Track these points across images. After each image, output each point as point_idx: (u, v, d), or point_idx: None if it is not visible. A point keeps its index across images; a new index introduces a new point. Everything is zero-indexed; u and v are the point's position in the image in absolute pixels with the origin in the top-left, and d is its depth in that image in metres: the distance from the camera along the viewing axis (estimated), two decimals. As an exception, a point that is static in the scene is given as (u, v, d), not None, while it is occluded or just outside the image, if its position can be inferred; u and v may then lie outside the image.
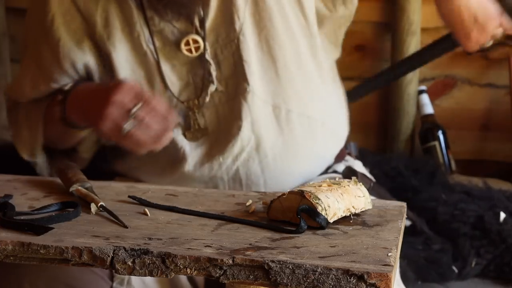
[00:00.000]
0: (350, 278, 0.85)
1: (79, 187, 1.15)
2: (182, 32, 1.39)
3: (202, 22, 1.39)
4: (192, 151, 1.42)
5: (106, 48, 1.38)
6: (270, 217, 1.05)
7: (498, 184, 2.78)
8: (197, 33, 1.38)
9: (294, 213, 1.02)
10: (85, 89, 1.37)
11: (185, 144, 1.42)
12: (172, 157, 1.43)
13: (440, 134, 2.93)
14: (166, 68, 1.39)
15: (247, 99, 1.39)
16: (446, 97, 3.06)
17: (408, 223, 2.44)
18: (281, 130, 1.41)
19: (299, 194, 1.02)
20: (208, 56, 1.39)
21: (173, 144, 1.41)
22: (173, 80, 1.40)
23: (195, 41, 1.38)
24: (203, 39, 1.38)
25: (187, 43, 1.38)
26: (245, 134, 1.40)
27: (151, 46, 1.38)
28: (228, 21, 1.39)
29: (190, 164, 1.42)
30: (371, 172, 1.75)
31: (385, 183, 2.59)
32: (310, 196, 1.01)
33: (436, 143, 3.00)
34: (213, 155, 1.42)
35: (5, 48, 3.17)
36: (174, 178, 1.43)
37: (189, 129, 1.41)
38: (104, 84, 1.35)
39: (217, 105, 1.41)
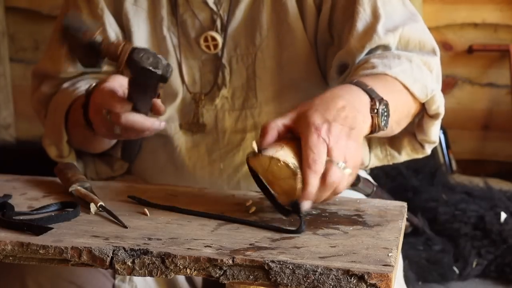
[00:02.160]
0: (351, 279, 0.85)
1: (79, 187, 1.15)
2: (203, 27, 1.40)
3: (225, 26, 1.39)
4: (189, 150, 1.42)
5: (129, 24, 1.41)
6: (250, 163, 1.04)
7: (499, 184, 2.78)
8: (217, 32, 1.40)
9: (275, 179, 1.02)
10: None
11: (181, 142, 1.42)
12: (170, 154, 1.43)
13: (441, 133, 2.92)
14: (180, 57, 1.41)
15: (254, 114, 1.41)
16: (447, 96, 3.04)
17: (409, 229, 2.44)
18: None
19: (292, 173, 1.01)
20: (224, 59, 1.40)
21: (170, 140, 1.43)
22: (185, 70, 1.42)
23: (214, 39, 1.39)
24: (223, 41, 1.39)
25: (206, 40, 1.40)
26: (248, 147, 1.40)
27: (171, 33, 1.41)
28: (249, 34, 1.40)
29: (189, 163, 1.42)
30: (371, 172, 1.74)
31: (385, 183, 2.59)
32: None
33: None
34: (214, 159, 1.42)
35: (5, 47, 3.17)
36: (176, 180, 1.43)
37: (187, 121, 1.42)
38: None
39: (218, 109, 1.41)
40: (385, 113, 1.12)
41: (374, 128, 1.11)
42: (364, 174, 1.56)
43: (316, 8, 1.37)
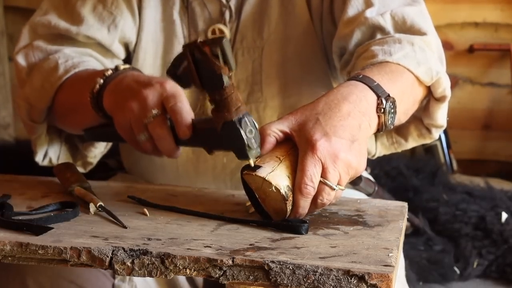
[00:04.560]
0: (351, 279, 0.84)
1: (78, 187, 1.14)
2: (212, 19, 1.40)
3: (234, 19, 1.39)
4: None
5: (140, 4, 1.39)
6: (243, 176, 1.03)
7: (500, 184, 2.78)
8: (225, 25, 1.39)
9: (266, 198, 1.01)
10: (134, 75, 1.22)
11: None
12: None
13: (442, 133, 2.92)
14: None
15: (258, 109, 1.40)
16: (448, 96, 3.05)
17: (410, 229, 2.43)
18: None
19: (282, 198, 1.01)
20: None
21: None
22: None
23: (221, 32, 1.38)
24: (235, 34, 1.38)
25: (213, 32, 1.39)
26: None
27: (181, 19, 1.39)
28: (257, 28, 1.39)
29: (192, 156, 1.41)
30: (372, 172, 1.74)
31: (386, 183, 2.59)
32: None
33: (438, 142, 3.00)
34: (217, 153, 1.41)
35: (4, 46, 3.17)
36: (178, 172, 1.42)
37: (194, 110, 1.41)
38: (152, 76, 1.22)
39: None
40: (392, 110, 1.09)
41: (380, 127, 1.09)
42: (365, 174, 1.55)
43: None
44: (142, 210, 1.09)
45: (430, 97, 1.28)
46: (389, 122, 1.09)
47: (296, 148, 1.03)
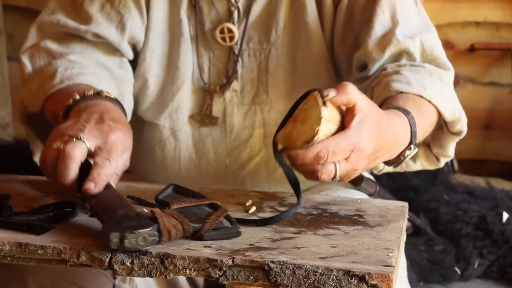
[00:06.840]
0: (351, 279, 0.84)
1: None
2: (220, 18, 1.39)
3: (242, 19, 1.39)
4: (196, 142, 1.41)
5: (148, 3, 1.39)
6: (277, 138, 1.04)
7: (501, 184, 2.78)
8: (233, 24, 1.39)
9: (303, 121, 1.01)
10: (106, 106, 1.17)
11: (187, 136, 1.42)
12: (176, 148, 1.43)
13: (442, 133, 2.92)
14: (197, 45, 1.40)
15: (263, 111, 1.40)
16: (448, 96, 3.05)
17: (411, 229, 2.42)
18: None
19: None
20: (237, 52, 1.40)
21: (176, 133, 1.42)
22: (196, 59, 1.40)
23: (230, 31, 1.38)
24: (243, 34, 1.38)
25: (222, 31, 1.38)
26: (256, 144, 1.40)
27: (188, 18, 1.39)
28: (264, 30, 1.39)
29: (195, 157, 1.41)
30: (373, 172, 1.73)
31: (387, 183, 2.58)
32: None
33: (438, 142, 2.99)
34: (220, 154, 1.41)
35: (3, 46, 3.17)
36: (180, 173, 1.42)
37: (200, 112, 1.40)
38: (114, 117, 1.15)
39: (226, 103, 1.40)
40: (409, 157, 1.14)
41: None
42: (366, 174, 1.55)
43: (335, 7, 1.37)
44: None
45: (444, 130, 1.32)
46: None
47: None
